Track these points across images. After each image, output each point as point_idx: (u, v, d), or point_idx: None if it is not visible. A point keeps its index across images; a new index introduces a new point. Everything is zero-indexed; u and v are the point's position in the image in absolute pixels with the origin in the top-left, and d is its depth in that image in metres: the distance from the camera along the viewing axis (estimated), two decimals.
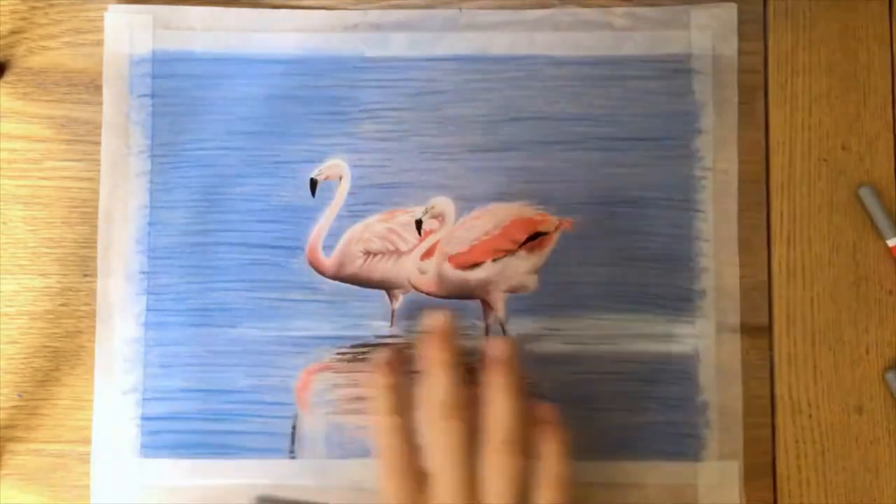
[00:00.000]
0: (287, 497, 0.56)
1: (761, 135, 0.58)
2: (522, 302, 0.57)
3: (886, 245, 0.56)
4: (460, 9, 0.58)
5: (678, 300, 0.57)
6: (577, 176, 0.57)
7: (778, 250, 0.57)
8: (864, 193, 0.56)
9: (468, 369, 0.49)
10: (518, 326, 0.57)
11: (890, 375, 0.56)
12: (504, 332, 0.57)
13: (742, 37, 0.58)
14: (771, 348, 0.57)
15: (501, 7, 0.58)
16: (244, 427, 0.56)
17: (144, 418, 0.56)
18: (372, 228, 0.58)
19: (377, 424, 0.49)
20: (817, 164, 0.58)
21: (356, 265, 0.57)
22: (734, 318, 0.57)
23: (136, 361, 0.56)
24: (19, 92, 0.58)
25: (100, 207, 0.57)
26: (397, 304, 0.57)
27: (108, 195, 0.57)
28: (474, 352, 0.52)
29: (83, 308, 0.57)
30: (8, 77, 0.58)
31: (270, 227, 0.57)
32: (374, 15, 0.58)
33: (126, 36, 0.58)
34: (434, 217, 0.57)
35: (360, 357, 0.57)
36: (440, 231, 0.57)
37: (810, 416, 0.56)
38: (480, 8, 0.58)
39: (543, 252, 0.57)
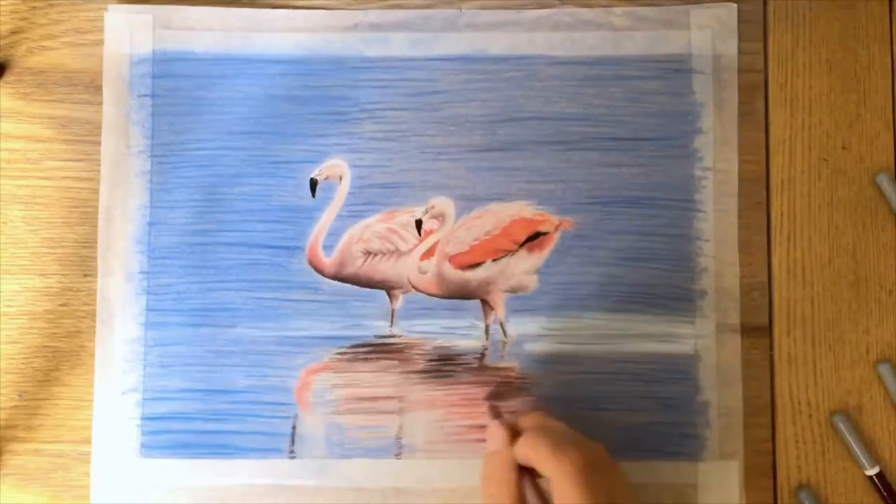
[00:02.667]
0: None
1: (761, 135, 0.58)
2: (522, 302, 0.57)
3: None
4: (460, 9, 0.58)
5: (678, 300, 0.57)
6: (577, 176, 0.57)
7: (778, 250, 0.57)
8: (882, 180, 0.56)
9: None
10: (518, 326, 0.57)
11: (882, 368, 0.56)
12: (504, 332, 0.57)
13: (742, 37, 0.58)
14: (771, 348, 0.57)
15: (501, 7, 0.58)
16: (244, 427, 0.56)
17: (144, 418, 0.56)
18: (372, 228, 0.58)
19: None
20: (817, 163, 0.58)
21: (356, 265, 0.57)
22: (734, 318, 0.57)
23: (136, 361, 0.56)
24: (19, 92, 0.58)
25: (100, 207, 0.57)
26: (397, 304, 0.57)
27: (108, 195, 0.57)
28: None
29: (83, 308, 0.57)
30: (8, 77, 0.58)
31: (270, 227, 0.57)
32: (374, 15, 0.58)
33: (126, 36, 0.58)
34: (434, 217, 0.57)
35: (361, 357, 0.57)
36: (440, 231, 0.57)
37: (810, 416, 0.56)
38: (480, 8, 0.58)
39: (543, 252, 0.57)
